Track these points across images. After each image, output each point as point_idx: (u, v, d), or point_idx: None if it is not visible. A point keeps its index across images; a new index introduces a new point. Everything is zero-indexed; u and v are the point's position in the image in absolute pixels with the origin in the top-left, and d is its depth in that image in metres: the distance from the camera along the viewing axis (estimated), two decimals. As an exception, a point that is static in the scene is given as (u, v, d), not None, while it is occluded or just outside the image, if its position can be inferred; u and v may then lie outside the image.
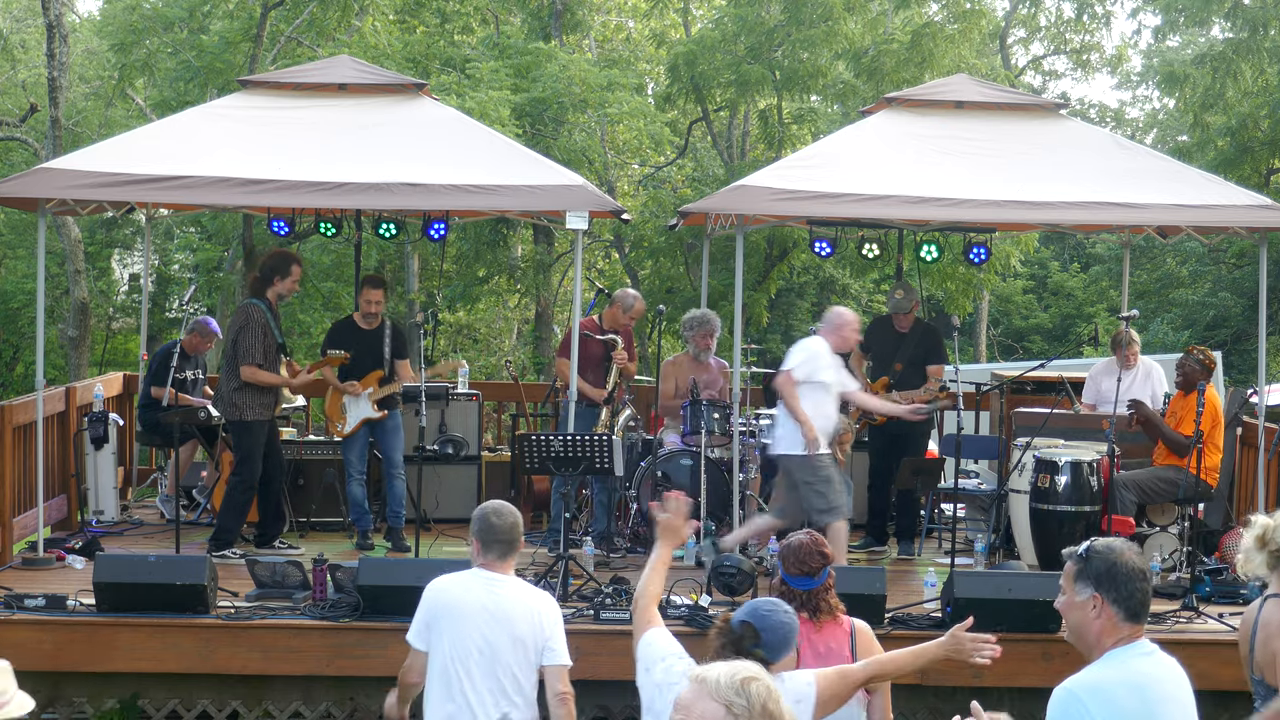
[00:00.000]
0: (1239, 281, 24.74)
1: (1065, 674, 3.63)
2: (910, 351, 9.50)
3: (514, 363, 15.44)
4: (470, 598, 4.91)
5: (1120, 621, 3.52)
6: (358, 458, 9.27)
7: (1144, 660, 3.54)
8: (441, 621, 4.86)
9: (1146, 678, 3.50)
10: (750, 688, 2.70)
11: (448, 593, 4.93)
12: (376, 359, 9.17)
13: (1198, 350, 8.89)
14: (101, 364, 24.38)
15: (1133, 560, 3.55)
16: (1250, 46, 19.59)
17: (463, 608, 4.88)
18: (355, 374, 9.18)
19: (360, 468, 9.26)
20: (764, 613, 4.03)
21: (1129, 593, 3.50)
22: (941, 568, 8.51)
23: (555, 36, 21.59)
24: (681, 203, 15.41)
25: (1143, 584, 3.54)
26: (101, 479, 9.87)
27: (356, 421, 9.16)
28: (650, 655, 4.13)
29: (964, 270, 18.10)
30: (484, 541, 4.98)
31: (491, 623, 4.88)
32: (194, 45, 18.12)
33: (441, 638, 4.85)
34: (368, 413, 9.15)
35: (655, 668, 4.07)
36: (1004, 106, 9.81)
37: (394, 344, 9.30)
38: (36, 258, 8.96)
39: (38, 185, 8.49)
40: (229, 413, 8.76)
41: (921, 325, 9.82)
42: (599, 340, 9.30)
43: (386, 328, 9.31)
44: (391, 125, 9.20)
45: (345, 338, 9.28)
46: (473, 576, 4.99)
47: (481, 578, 4.98)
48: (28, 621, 7.20)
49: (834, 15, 19.38)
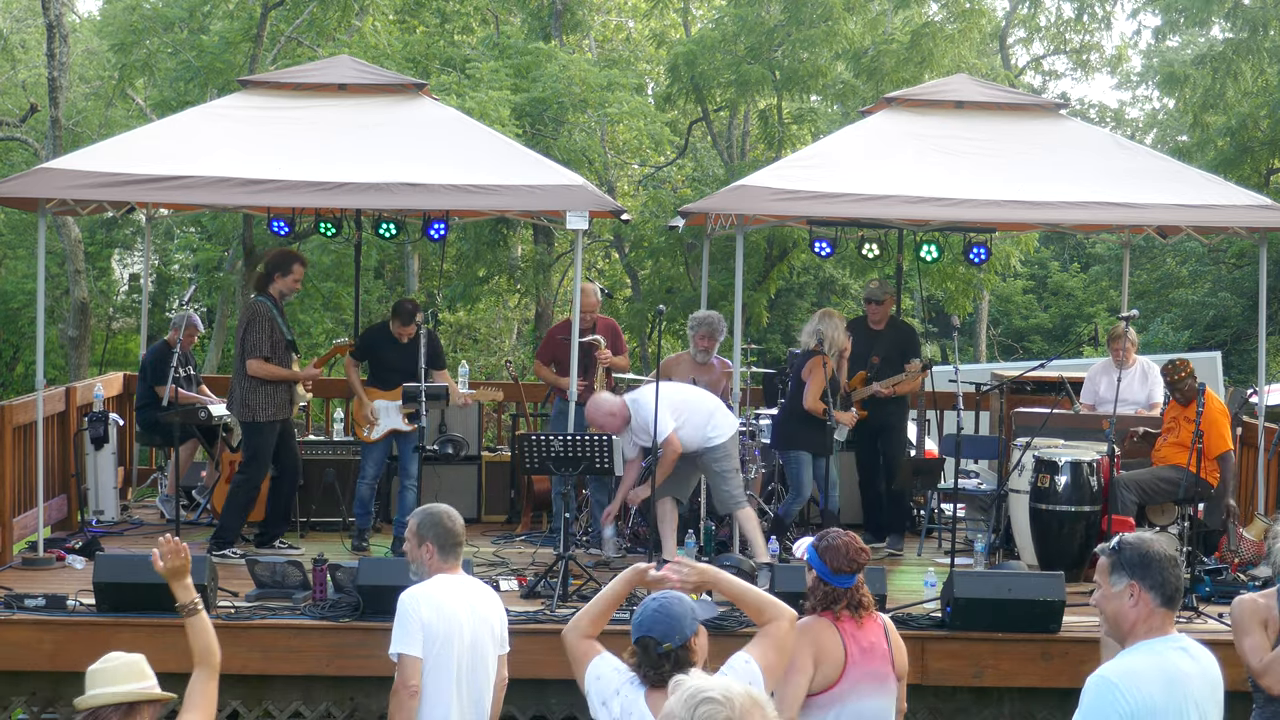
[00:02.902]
0: (1239, 281, 24.75)
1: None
2: (886, 348, 9.46)
3: (514, 363, 15.44)
4: (455, 602, 4.93)
5: (1156, 607, 3.64)
6: (375, 465, 9.16)
7: (1178, 654, 3.63)
8: (434, 628, 4.86)
9: (1177, 671, 3.59)
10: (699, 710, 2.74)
11: (433, 599, 4.90)
12: (411, 372, 8.59)
13: (1172, 369, 8.80)
14: (101, 364, 24.41)
15: (1163, 548, 3.69)
16: (1250, 46, 19.59)
17: (451, 612, 4.90)
18: (388, 382, 8.98)
19: (375, 474, 9.18)
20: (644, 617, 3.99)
21: (1163, 579, 3.64)
22: (941, 568, 8.51)
23: (555, 36, 21.60)
24: (681, 203, 15.40)
25: (1175, 570, 3.68)
26: (101, 479, 9.87)
27: (384, 431, 9.04)
28: (603, 690, 4.05)
29: (964, 270, 18.11)
30: (442, 546, 4.97)
31: (478, 623, 4.96)
32: (194, 45, 18.13)
33: (433, 643, 4.85)
34: (397, 424, 8.98)
35: (612, 702, 4.01)
36: (1004, 106, 9.81)
37: (430, 354, 8.76)
38: (36, 258, 8.95)
39: (38, 185, 8.49)
40: (242, 414, 8.71)
41: (897, 323, 9.81)
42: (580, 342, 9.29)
43: (422, 337, 8.82)
44: (391, 125, 9.20)
45: (379, 344, 9.15)
46: (447, 582, 4.98)
47: (451, 582, 4.99)
48: (28, 621, 7.20)
49: (834, 15, 19.39)
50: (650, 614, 3.98)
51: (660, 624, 3.96)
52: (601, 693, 4.06)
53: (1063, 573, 7.52)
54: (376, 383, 9.14)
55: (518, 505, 10.40)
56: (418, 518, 5.04)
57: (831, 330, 8.85)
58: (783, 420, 9.08)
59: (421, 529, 4.99)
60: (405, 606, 4.87)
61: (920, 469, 9.36)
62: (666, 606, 4.00)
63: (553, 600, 7.55)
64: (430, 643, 4.83)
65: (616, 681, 4.04)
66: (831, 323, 8.92)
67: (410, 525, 5.06)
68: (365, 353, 9.27)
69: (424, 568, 5.01)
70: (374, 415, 9.02)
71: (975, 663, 7.24)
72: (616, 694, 4.01)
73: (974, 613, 7.22)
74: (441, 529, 4.98)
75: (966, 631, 7.25)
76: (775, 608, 4.29)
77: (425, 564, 5.00)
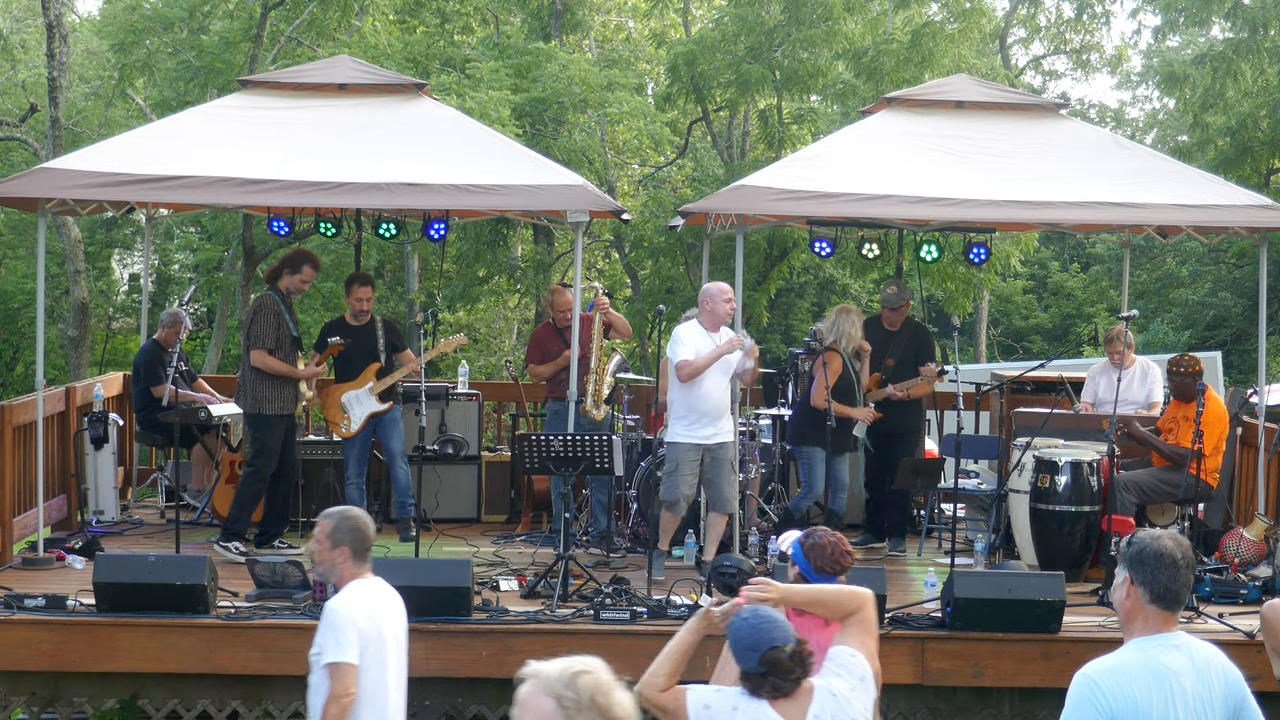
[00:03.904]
0: (1239, 281, 24.74)
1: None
2: (902, 350, 9.50)
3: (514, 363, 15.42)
4: (381, 607, 4.95)
5: (1146, 604, 3.62)
6: (358, 459, 9.27)
7: (1169, 653, 3.60)
8: (369, 635, 4.86)
9: (1165, 670, 3.57)
10: (579, 681, 2.81)
11: (366, 607, 4.90)
12: (371, 353, 9.27)
13: (1179, 362, 8.83)
14: (101, 364, 24.40)
15: (1166, 548, 3.64)
16: (1250, 46, 19.58)
17: (381, 617, 4.92)
18: (350, 371, 9.25)
19: (360, 470, 9.26)
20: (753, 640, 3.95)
21: (1154, 577, 3.61)
22: (941, 568, 8.51)
23: (555, 36, 21.59)
24: (681, 203, 15.40)
25: (1171, 571, 3.62)
26: (101, 479, 9.87)
27: (363, 418, 9.19)
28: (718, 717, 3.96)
29: (964, 270, 18.09)
30: (356, 551, 4.93)
31: (400, 628, 5.01)
32: (194, 45, 18.11)
33: (369, 649, 4.86)
34: (372, 406, 9.21)
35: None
36: (1004, 106, 9.81)
37: (388, 338, 9.39)
38: (36, 258, 8.95)
39: (38, 185, 8.49)
40: (248, 406, 8.78)
41: (913, 324, 9.83)
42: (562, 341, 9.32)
43: (378, 323, 9.43)
44: (391, 125, 9.20)
45: (336, 335, 9.34)
46: (369, 587, 4.97)
47: (373, 587, 4.98)
48: (28, 621, 7.20)
49: (834, 15, 19.38)
50: (755, 629, 3.96)
51: (772, 632, 3.95)
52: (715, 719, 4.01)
53: (1063, 573, 7.53)
54: (342, 376, 9.26)
55: (518, 505, 10.40)
56: (332, 520, 4.95)
57: (848, 326, 8.93)
58: (797, 416, 9.15)
59: (337, 533, 4.92)
60: (341, 616, 4.82)
61: (920, 469, 9.36)
62: (761, 616, 4.00)
63: (553, 600, 7.55)
64: (366, 649, 4.84)
65: (727, 703, 4.00)
66: (849, 319, 8.97)
67: (324, 527, 4.94)
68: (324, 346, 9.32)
69: (334, 570, 4.95)
70: (345, 409, 9.12)
71: (975, 663, 7.24)
72: (734, 711, 3.97)
73: (974, 613, 7.22)
74: (358, 534, 4.93)
75: (966, 631, 7.25)
76: (856, 597, 4.31)
77: (337, 567, 4.94)
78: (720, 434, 8.28)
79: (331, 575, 4.98)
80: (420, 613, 7.14)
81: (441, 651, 7.16)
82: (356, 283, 9.48)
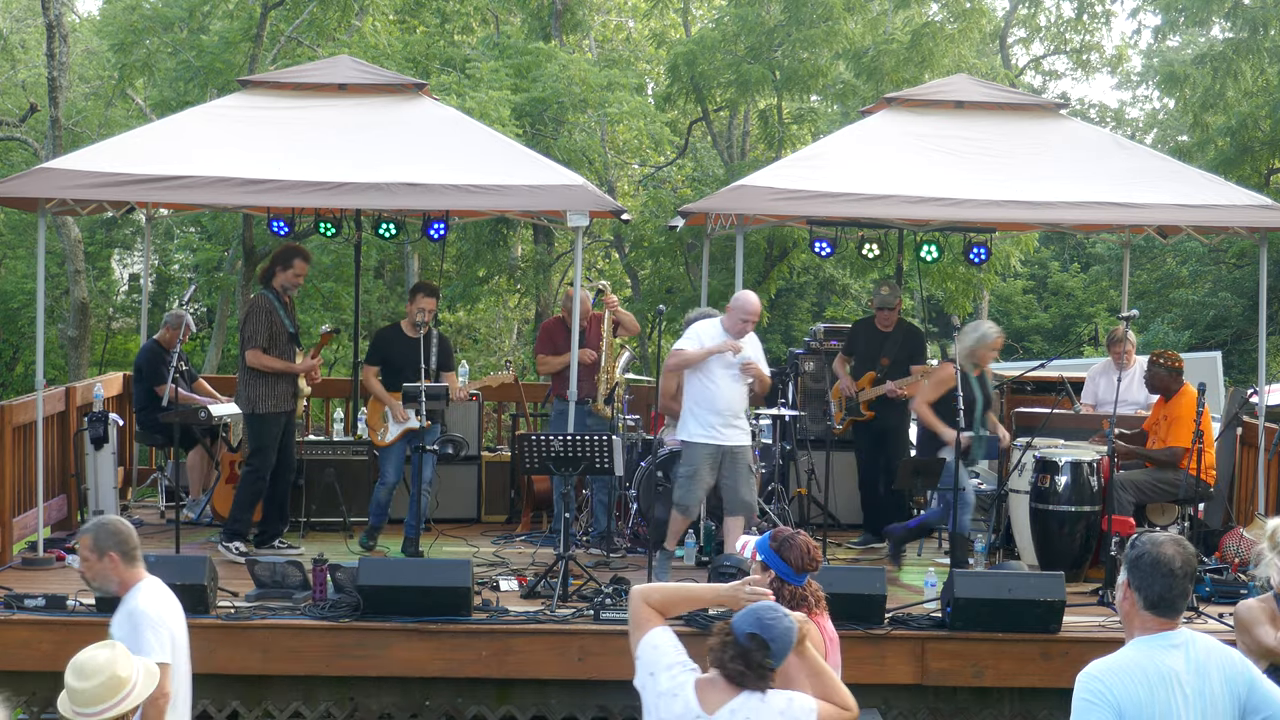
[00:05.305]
0: (1239, 281, 24.75)
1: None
2: (895, 350, 9.49)
3: (514, 363, 15.43)
4: (175, 607, 4.99)
5: (1141, 609, 3.63)
6: (395, 470, 9.10)
7: (1169, 653, 3.61)
8: (175, 634, 4.90)
9: (1165, 669, 3.58)
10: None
11: (168, 605, 4.94)
12: (417, 368, 8.69)
13: (1161, 354, 8.85)
14: (101, 364, 24.40)
15: (1165, 555, 3.63)
16: (1250, 46, 19.58)
17: (176, 615, 4.96)
18: (395, 382, 8.96)
19: (395, 479, 9.13)
20: (768, 621, 3.97)
21: (1148, 583, 3.61)
22: (941, 568, 8.51)
23: (555, 36, 21.60)
24: (681, 203, 15.40)
25: (1167, 579, 3.61)
26: (101, 479, 9.85)
27: (399, 432, 9.01)
28: (656, 660, 4.05)
29: (964, 270, 18.11)
30: (125, 554, 4.93)
31: (184, 624, 5.04)
32: (194, 45, 18.12)
33: (176, 649, 4.90)
34: (411, 422, 8.95)
35: (661, 675, 4.01)
36: (1004, 106, 9.81)
37: (440, 355, 9.08)
38: (36, 258, 8.95)
39: (38, 185, 8.48)
40: (244, 405, 8.75)
41: (905, 325, 9.82)
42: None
43: (434, 338, 9.07)
44: (391, 125, 9.19)
45: (390, 344, 9.14)
46: (157, 586, 5.00)
47: (158, 586, 5.00)
48: (28, 621, 7.20)
49: (834, 15, 19.40)
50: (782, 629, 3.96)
51: (782, 643, 3.95)
52: (654, 662, 4.05)
53: (1063, 573, 7.53)
54: (388, 385, 9.10)
55: (518, 505, 10.40)
56: (90, 533, 4.95)
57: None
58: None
59: (99, 541, 4.91)
60: (153, 617, 4.84)
61: (920, 469, 9.34)
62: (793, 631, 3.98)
63: (553, 600, 7.55)
64: (175, 649, 4.88)
65: (673, 658, 4.04)
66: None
67: (84, 541, 4.95)
68: (376, 353, 9.24)
69: (110, 578, 4.95)
70: (386, 417, 9.03)
71: (975, 663, 7.24)
72: (669, 669, 4.01)
73: (974, 613, 7.22)
74: (119, 537, 4.94)
75: (966, 631, 7.25)
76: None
77: (110, 574, 4.95)
78: (738, 436, 8.27)
79: (110, 584, 4.98)
80: (420, 613, 7.18)
81: (441, 651, 7.16)
82: (421, 292, 9.11)
